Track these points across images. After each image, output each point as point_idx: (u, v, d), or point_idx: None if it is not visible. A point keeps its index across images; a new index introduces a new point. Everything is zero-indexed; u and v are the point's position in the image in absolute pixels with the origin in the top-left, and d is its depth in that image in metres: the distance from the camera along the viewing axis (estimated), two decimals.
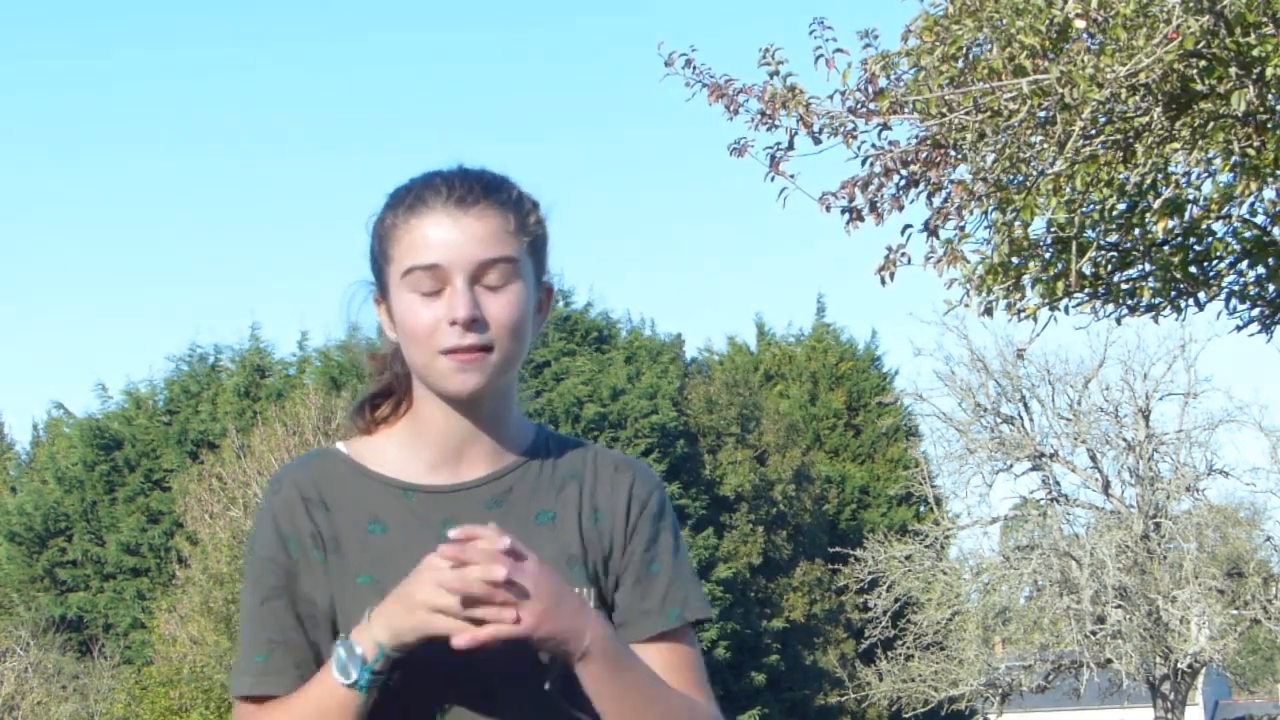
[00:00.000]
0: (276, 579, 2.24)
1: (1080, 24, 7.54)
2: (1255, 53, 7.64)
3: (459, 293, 2.18)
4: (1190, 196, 8.58)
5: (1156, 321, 9.38)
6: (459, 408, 2.25)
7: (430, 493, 2.27)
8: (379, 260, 2.27)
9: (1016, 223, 8.34)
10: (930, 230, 8.58)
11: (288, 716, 2.19)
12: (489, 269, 2.20)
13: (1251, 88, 7.63)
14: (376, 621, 2.13)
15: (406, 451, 2.30)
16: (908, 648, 31.56)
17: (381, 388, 2.37)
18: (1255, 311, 9.11)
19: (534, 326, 2.27)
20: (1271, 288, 8.99)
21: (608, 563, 2.30)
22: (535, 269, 2.27)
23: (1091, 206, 8.46)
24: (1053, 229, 8.50)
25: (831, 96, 8.51)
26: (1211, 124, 8.17)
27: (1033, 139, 8.13)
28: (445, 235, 2.20)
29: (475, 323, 2.18)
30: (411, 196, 2.24)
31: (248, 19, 77.70)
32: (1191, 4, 7.34)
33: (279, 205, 79.27)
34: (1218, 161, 8.40)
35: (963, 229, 8.58)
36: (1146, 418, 31.17)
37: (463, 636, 2.08)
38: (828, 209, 8.53)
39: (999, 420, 31.51)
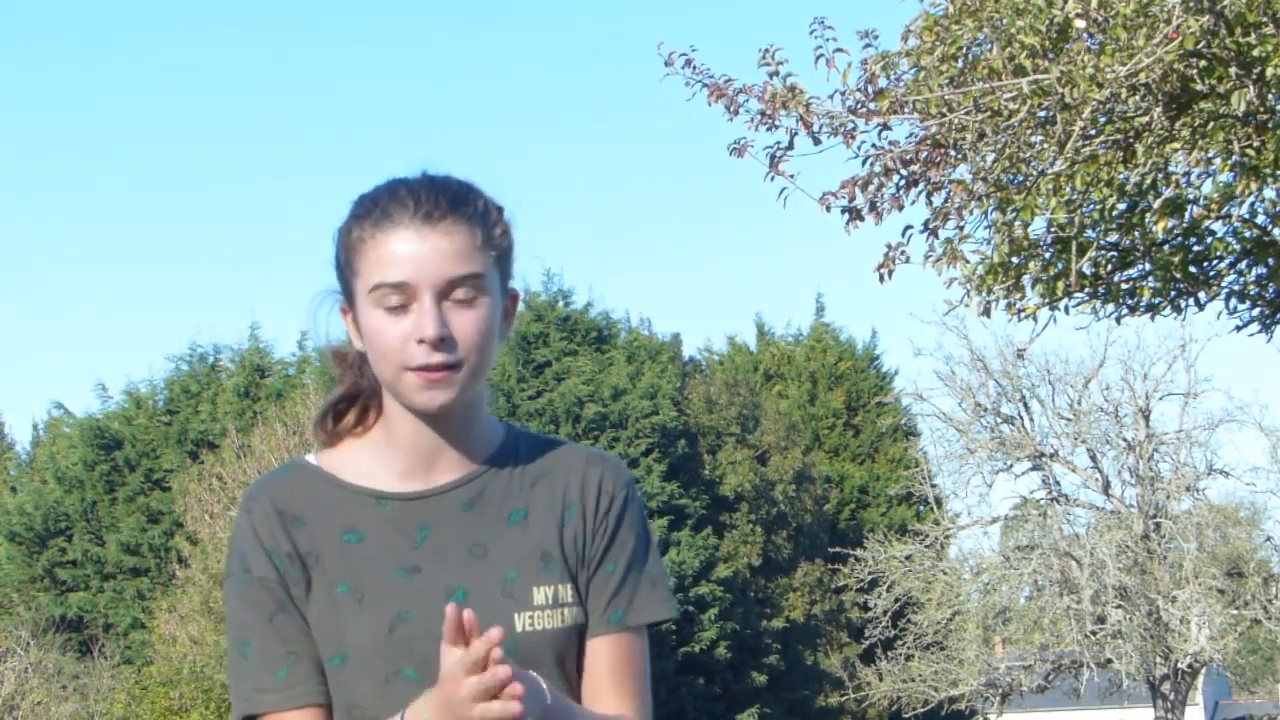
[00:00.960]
0: (277, 594, 2.26)
1: (1080, 24, 7.54)
2: (1255, 53, 7.63)
3: (427, 311, 2.18)
4: (1190, 196, 8.58)
5: (1154, 320, 9.39)
6: (428, 419, 2.26)
7: (404, 499, 2.29)
8: (345, 272, 2.27)
9: (1016, 223, 8.33)
10: (930, 230, 8.58)
11: None
12: (456, 286, 2.20)
13: (1251, 88, 7.63)
14: None
15: (378, 460, 2.31)
16: (908, 648, 31.56)
17: (346, 392, 2.37)
18: (1255, 311, 9.11)
19: (500, 334, 2.27)
20: (1271, 288, 8.99)
21: (583, 557, 2.32)
22: (501, 279, 2.27)
23: (1091, 206, 8.45)
24: (1053, 229, 8.49)
25: (831, 96, 8.51)
26: (1211, 124, 8.17)
27: (1033, 139, 8.13)
28: (412, 252, 2.19)
29: (443, 341, 2.18)
30: (378, 210, 2.23)
31: (248, 20, 77.71)
32: (1191, 4, 7.34)
33: (279, 205, 79.27)
34: (1218, 161, 8.40)
35: (962, 229, 8.58)
36: (1146, 418, 31.16)
37: None
38: (828, 209, 8.52)
39: (999, 420, 31.50)
